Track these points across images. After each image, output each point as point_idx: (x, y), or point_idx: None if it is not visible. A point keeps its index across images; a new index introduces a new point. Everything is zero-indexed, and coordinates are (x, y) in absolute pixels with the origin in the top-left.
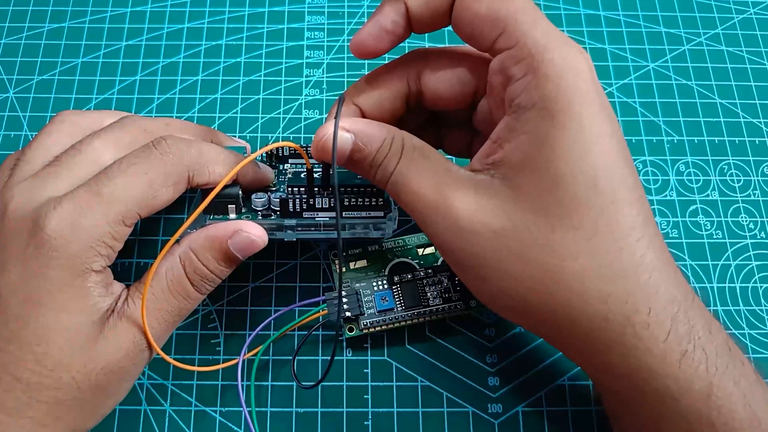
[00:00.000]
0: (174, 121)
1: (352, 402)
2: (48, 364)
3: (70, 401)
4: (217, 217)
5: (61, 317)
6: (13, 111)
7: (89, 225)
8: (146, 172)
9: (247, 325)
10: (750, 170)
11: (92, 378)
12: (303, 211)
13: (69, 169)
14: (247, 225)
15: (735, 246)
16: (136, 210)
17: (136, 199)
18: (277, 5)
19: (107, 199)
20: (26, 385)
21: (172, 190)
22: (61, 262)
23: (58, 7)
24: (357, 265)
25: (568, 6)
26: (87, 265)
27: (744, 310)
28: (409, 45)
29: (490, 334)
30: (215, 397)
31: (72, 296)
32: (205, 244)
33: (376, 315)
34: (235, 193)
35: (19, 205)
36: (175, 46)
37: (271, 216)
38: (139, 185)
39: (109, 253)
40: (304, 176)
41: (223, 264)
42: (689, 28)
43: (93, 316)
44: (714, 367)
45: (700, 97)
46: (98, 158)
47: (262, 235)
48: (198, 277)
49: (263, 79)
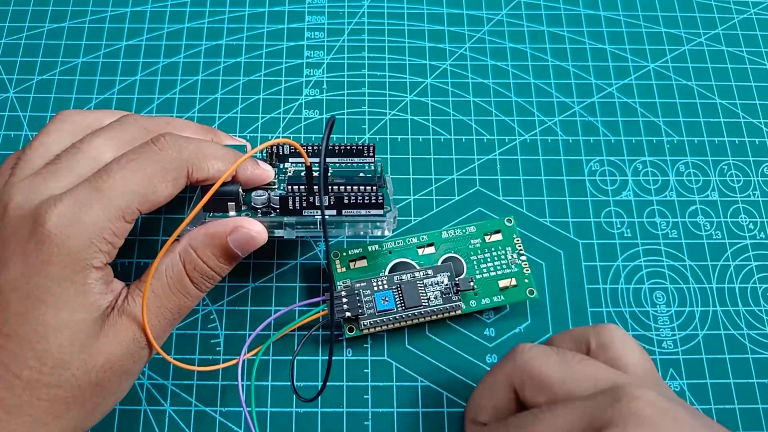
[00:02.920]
0: (174, 120)
1: (352, 402)
2: (48, 361)
3: (70, 399)
4: (216, 214)
5: (62, 314)
6: (14, 111)
7: (89, 221)
8: (145, 167)
9: (247, 325)
10: (750, 171)
11: (92, 376)
12: (303, 209)
13: (69, 167)
14: (246, 221)
15: (734, 246)
16: (136, 205)
17: (135, 194)
18: (277, 5)
19: (107, 195)
20: (26, 383)
21: (171, 185)
22: (61, 259)
23: (58, 7)
24: (357, 265)
25: (568, 6)
26: (87, 261)
27: (743, 310)
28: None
29: (490, 334)
30: (215, 397)
31: (73, 293)
32: (205, 240)
33: (376, 315)
34: (234, 190)
35: (20, 203)
36: (175, 46)
37: (270, 214)
38: (138, 180)
39: (110, 250)
40: (303, 175)
41: (223, 261)
42: (689, 28)
43: (93, 313)
44: None
45: (700, 98)
46: (99, 156)
47: (261, 231)
48: (198, 275)
49: (263, 79)
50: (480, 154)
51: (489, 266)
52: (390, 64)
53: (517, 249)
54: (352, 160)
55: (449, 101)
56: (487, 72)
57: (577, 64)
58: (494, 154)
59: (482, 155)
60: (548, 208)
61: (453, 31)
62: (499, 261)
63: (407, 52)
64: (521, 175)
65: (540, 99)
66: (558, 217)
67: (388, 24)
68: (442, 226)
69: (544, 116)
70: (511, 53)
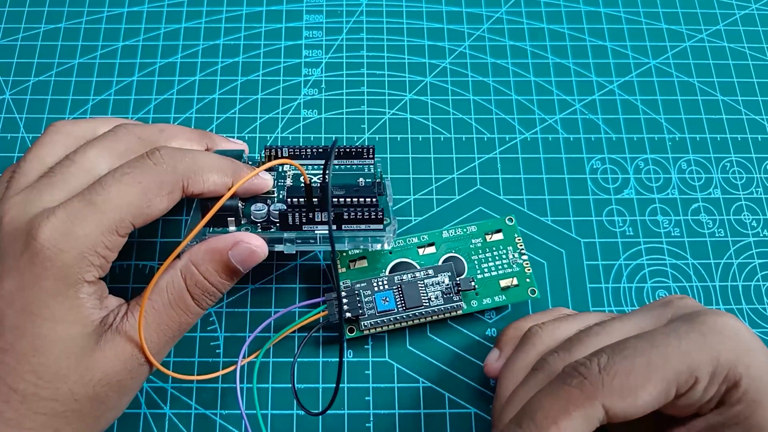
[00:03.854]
0: (168, 127)
1: (354, 404)
2: (45, 375)
3: (69, 413)
4: (216, 229)
5: (57, 328)
6: (9, 113)
7: (82, 234)
8: (140, 181)
9: (247, 327)
10: (752, 168)
11: (90, 390)
12: (302, 224)
13: (64, 179)
14: (247, 236)
15: (737, 244)
16: (130, 219)
17: (129, 207)
18: (274, 4)
19: (101, 208)
20: (23, 396)
21: (166, 199)
22: (54, 272)
23: (54, 8)
24: (357, 266)
25: (568, 3)
26: (80, 275)
27: (746, 308)
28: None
29: (491, 335)
30: (215, 400)
31: (67, 307)
32: (206, 256)
33: (376, 315)
34: (234, 205)
35: (14, 217)
36: (173, 47)
37: (270, 228)
38: (132, 194)
39: (102, 263)
40: (303, 187)
41: (224, 276)
42: (690, 24)
43: (87, 328)
44: None
45: (702, 95)
46: (93, 168)
47: (262, 245)
48: (199, 291)
49: (261, 78)
50: (480, 152)
51: (490, 266)
52: (389, 63)
53: (518, 248)
54: (351, 162)
55: (449, 100)
56: (487, 70)
57: (577, 62)
58: (495, 152)
59: (482, 154)
60: (549, 207)
61: (452, 29)
62: (501, 260)
63: (406, 51)
64: (522, 174)
65: (540, 97)
66: (559, 216)
67: (387, 22)
68: (443, 225)
69: (545, 114)
70: (510, 51)
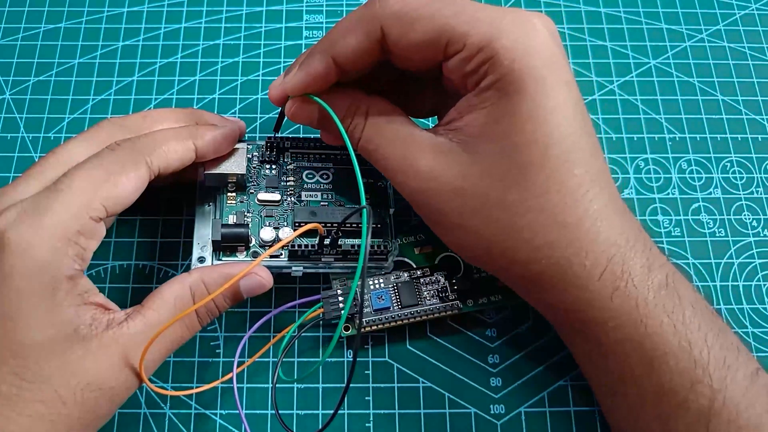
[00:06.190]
0: (152, 112)
1: (354, 404)
2: (27, 376)
3: (56, 417)
4: (226, 255)
5: (32, 333)
6: (10, 113)
7: (50, 223)
8: (100, 163)
9: (247, 327)
10: (753, 167)
11: (78, 395)
12: (311, 256)
13: (41, 171)
14: (258, 269)
15: (738, 244)
16: (100, 201)
17: (95, 189)
18: (275, 4)
19: (66, 193)
20: (6, 399)
21: (133, 177)
22: (25, 271)
23: (54, 8)
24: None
25: (568, 3)
26: (56, 270)
27: (747, 308)
28: None
29: (491, 335)
30: (215, 400)
31: (43, 309)
32: (219, 281)
33: (372, 314)
34: (244, 234)
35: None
36: (173, 46)
37: (280, 255)
38: (95, 175)
39: (79, 252)
40: (307, 175)
41: (229, 301)
42: (691, 24)
43: (65, 329)
44: (644, 301)
45: (702, 94)
46: (70, 159)
47: (270, 280)
48: (205, 310)
49: (261, 78)
50: None
51: None
52: None
53: None
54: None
55: None
56: None
57: (577, 61)
58: None
59: None
60: None
61: None
62: None
63: None
64: None
65: None
66: None
67: None
68: None
69: None
70: None
